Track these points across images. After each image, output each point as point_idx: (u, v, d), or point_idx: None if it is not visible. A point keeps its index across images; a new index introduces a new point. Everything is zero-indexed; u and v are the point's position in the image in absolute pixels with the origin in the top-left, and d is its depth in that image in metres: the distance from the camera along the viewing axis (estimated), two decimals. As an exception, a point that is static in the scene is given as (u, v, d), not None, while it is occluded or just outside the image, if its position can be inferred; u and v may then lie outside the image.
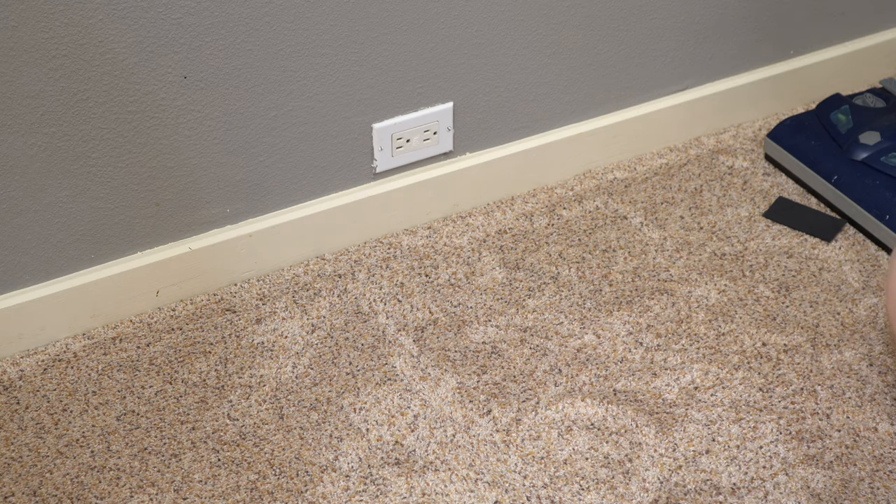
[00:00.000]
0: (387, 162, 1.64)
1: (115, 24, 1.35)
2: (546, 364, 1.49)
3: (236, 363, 1.50)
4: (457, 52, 1.59)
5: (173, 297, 1.58)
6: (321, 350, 1.52)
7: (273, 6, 1.43)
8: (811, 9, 1.84)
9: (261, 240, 1.59)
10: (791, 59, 1.89)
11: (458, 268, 1.63)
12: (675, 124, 1.83)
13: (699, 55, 1.80)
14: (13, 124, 1.36)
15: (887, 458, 1.37)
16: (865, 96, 1.82)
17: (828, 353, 1.50)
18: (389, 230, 1.69)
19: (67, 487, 1.35)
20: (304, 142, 1.56)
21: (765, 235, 1.68)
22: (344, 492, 1.34)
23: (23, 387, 1.47)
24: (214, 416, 1.43)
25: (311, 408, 1.44)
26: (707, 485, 1.34)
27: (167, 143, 1.47)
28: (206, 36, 1.41)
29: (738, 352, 1.50)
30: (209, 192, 1.54)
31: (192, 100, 1.45)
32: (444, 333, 1.54)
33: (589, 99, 1.75)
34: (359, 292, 1.60)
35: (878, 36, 1.94)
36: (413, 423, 1.42)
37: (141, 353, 1.51)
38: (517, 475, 1.36)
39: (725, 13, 1.77)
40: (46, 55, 1.33)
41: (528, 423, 1.42)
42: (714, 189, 1.77)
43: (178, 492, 1.34)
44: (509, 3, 1.58)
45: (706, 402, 1.44)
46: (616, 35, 1.70)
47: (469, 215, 1.72)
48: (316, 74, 1.51)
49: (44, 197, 1.43)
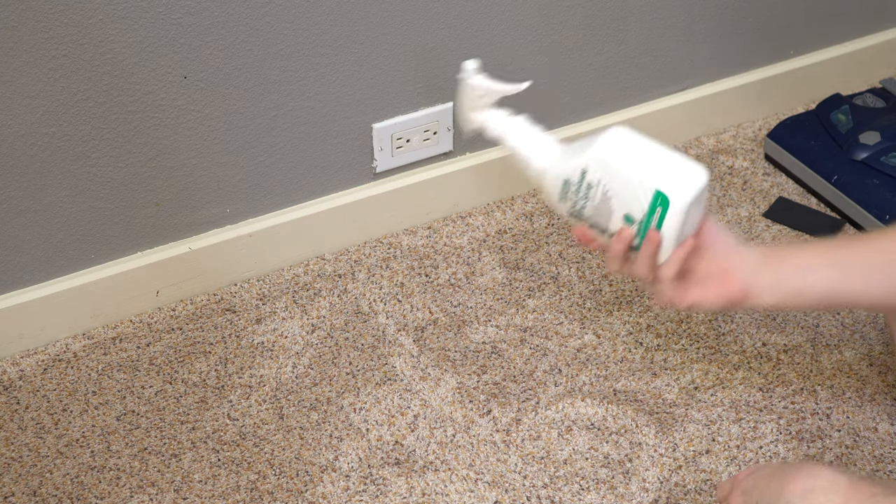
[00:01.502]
0: (387, 162, 1.64)
1: (115, 24, 1.35)
2: (546, 364, 1.49)
3: (236, 363, 1.50)
4: (457, 51, 1.59)
5: (173, 297, 1.58)
6: (321, 350, 1.52)
7: (273, 6, 1.43)
8: (811, 9, 1.84)
9: (261, 240, 1.59)
10: (791, 59, 1.89)
11: (458, 268, 1.63)
12: (675, 124, 1.83)
13: (699, 55, 1.80)
14: (13, 124, 1.36)
15: (887, 458, 1.37)
16: (865, 96, 1.82)
17: (828, 353, 1.50)
18: (389, 230, 1.69)
19: (67, 487, 1.35)
20: (304, 142, 1.56)
21: (765, 235, 1.68)
22: (344, 492, 1.34)
23: (23, 387, 1.47)
24: (214, 416, 1.43)
25: (311, 408, 1.44)
26: (707, 485, 1.34)
27: (167, 143, 1.47)
28: (206, 36, 1.41)
29: (738, 352, 1.50)
30: (209, 192, 1.54)
31: (192, 100, 1.45)
32: (444, 333, 1.54)
33: (589, 99, 1.75)
34: (359, 292, 1.60)
35: (878, 36, 1.94)
36: (413, 423, 1.42)
37: (141, 353, 1.51)
38: (517, 475, 1.36)
39: (725, 13, 1.77)
40: (46, 55, 1.33)
41: (528, 423, 1.42)
42: (714, 189, 1.77)
43: (178, 492, 1.34)
44: (509, 3, 1.58)
45: (706, 402, 1.44)
46: (616, 35, 1.70)
47: (469, 215, 1.72)
48: (316, 74, 1.51)
49: (44, 197, 1.43)
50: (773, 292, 1.16)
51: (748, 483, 1.10)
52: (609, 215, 1.14)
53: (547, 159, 1.18)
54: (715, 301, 1.16)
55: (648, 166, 1.13)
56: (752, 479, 1.10)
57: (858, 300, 1.18)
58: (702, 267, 1.17)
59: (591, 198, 1.15)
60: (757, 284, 1.15)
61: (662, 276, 1.15)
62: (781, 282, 1.15)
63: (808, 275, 1.16)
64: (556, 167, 1.17)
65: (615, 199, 1.13)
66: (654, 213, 1.12)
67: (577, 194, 1.15)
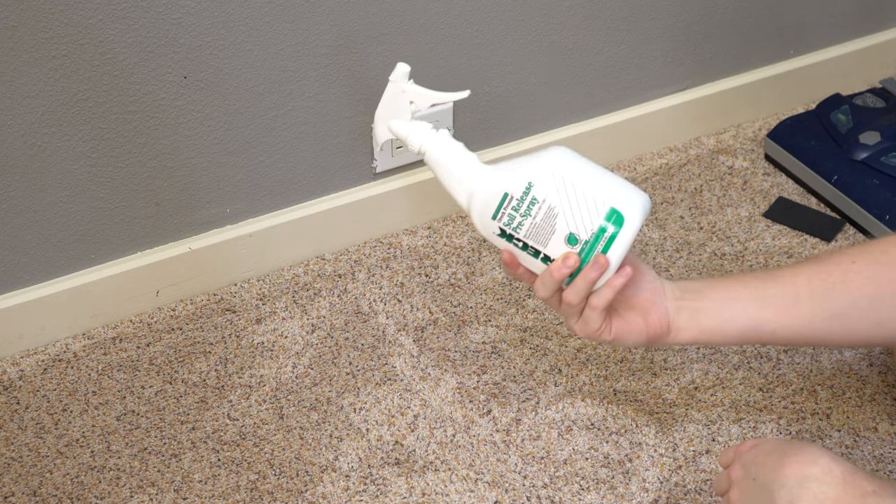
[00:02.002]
0: (387, 162, 1.64)
1: (115, 24, 1.35)
2: (546, 364, 1.49)
3: (236, 363, 1.50)
4: (457, 52, 1.59)
5: (173, 297, 1.58)
6: (321, 350, 1.52)
7: (273, 6, 1.43)
8: (811, 9, 1.84)
9: (261, 240, 1.59)
10: (791, 59, 1.89)
11: (458, 268, 1.63)
12: (675, 124, 1.83)
13: (699, 55, 1.80)
14: (13, 124, 1.36)
15: (887, 458, 1.37)
16: (865, 96, 1.82)
17: (828, 353, 1.50)
18: (389, 230, 1.69)
19: (67, 487, 1.35)
20: (304, 142, 1.56)
21: (765, 235, 1.68)
22: (344, 492, 1.34)
23: (23, 387, 1.47)
24: (214, 416, 1.43)
25: (311, 408, 1.44)
26: (707, 485, 1.34)
27: (167, 143, 1.47)
28: (206, 36, 1.41)
29: (738, 352, 1.50)
30: (209, 192, 1.54)
31: (192, 100, 1.45)
32: (444, 333, 1.54)
33: (589, 99, 1.75)
34: (359, 292, 1.60)
35: (878, 36, 1.94)
36: (413, 423, 1.42)
37: (141, 353, 1.51)
38: (517, 475, 1.36)
39: (725, 13, 1.77)
40: (46, 55, 1.33)
41: (528, 423, 1.42)
42: (714, 189, 1.77)
43: (178, 492, 1.34)
44: (509, 3, 1.58)
45: (706, 402, 1.44)
46: (616, 35, 1.70)
47: (469, 215, 1.72)
48: (316, 74, 1.51)
49: (44, 197, 1.43)
50: (692, 328, 1.13)
51: (749, 457, 1.08)
52: (549, 235, 1.09)
53: (478, 175, 1.13)
54: (637, 336, 1.13)
55: (600, 183, 1.09)
56: (753, 454, 1.08)
57: (781, 336, 1.15)
58: (624, 300, 1.14)
59: (533, 215, 1.10)
60: (675, 320, 1.13)
61: (594, 304, 1.11)
62: (699, 318, 1.13)
63: (726, 310, 1.13)
64: (493, 182, 1.12)
65: (561, 217, 1.08)
66: (603, 235, 1.07)
67: (517, 210, 1.10)
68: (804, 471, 1.01)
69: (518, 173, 1.11)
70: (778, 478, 1.02)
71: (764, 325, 1.14)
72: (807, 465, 1.02)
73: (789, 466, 1.02)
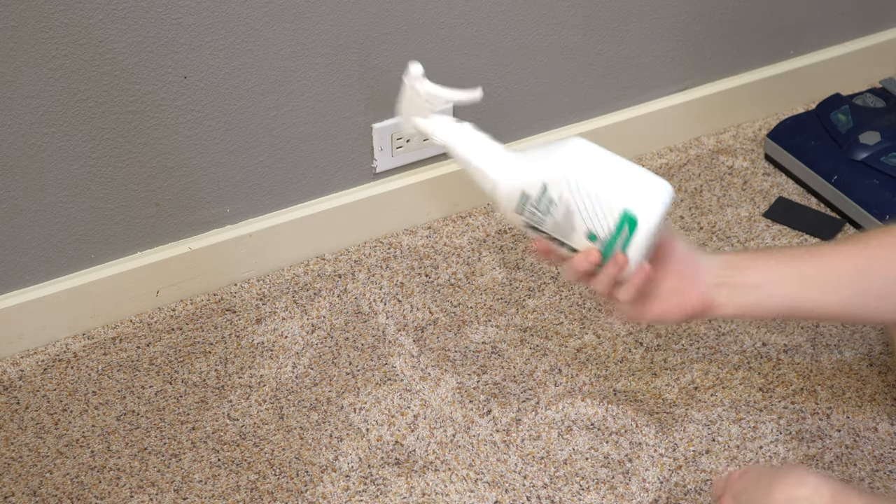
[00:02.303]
0: (387, 162, 1.64)
1: (115, 24, 1.35)
2: (546, 364, 1.49)
3: (236, 363, 1.50)
4: (457, 52, 1.59)
5: (173, 297, 1.58)
6: (321, 350, 1.52)
7: (273, 6, 1.43)
8: (811, 9, 1.84)
9: (261, 240, 1.59)
10: (791, 59, 1.89)
11: (458, 268, 1.64)
12: (675, 124, 1.83)
13: (699, 55, 1.80)
14: (13, 124, 1.36)
15: (887, 458, 1.37)
16: (865, 96, 1.82)
17: (828, 353, 1.50)
18: (389, 230, 1.69)
19: (67, 487, 1.35)
20: (304, 142, 1.56)
21: (765, 235, 1.68)
22: (344, 492, 1.34)
23: (23, 387, 1.47)
24: (214, 416, 1.43)
25: (311, 408, 1.44)
26: (707, 485, 1.34)
27: (167, 143, 1.47)
28: (206, 36, 1.41)
29: (738, 352, 1.50)
30: (209, 192, 1.54)
31: (192, 100, 1.45)
32: (444, 333, 1.54)
33: (589, 99, 1.75)
34: (359, 292, 1.60)
35: (878, 36, 1.94)
36: (413, 423, 1.42)
37: (141, 353, 1.51)
38: (517, 475, 1.36)
39: (725, 13, 1.77)
40: (46, 55, 1.33)
41: (528, 423, 1.42)
42: (714, 189, 1.77)
43: (178, 492, 1.34)
44: (509, 3, 1.58)
45: (706, 402, 1.44)
46: (616, 35, 1.70)
47: (469, 215, 1.72)
48: (316, 74, 1.51)
49: (44, 197, 1.43)
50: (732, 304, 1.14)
51: (738, 486, 1.10)
52: (571, 232, 1.09)
53: (500, 169, 1.13)
54: (676, 315, 1.14)
55: (614, 183, 1.08)
56: (742, 482, 1.09)
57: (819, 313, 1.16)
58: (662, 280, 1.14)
59: (553, 213, 1.09)
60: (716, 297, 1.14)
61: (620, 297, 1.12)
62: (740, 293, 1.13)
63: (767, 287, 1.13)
64: (513, 179, 1.11)
65: (579, 217, 1.08)
66: (621, 234, 1.07)
67: (537, 209, 1.10)
68: (793, 492, 1.02)
69: (534, 172, 1.10)
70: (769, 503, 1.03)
71: (804, 302, 1.14)
72: (795, 486, 1.02)
73: (779, 490, 1.03)
